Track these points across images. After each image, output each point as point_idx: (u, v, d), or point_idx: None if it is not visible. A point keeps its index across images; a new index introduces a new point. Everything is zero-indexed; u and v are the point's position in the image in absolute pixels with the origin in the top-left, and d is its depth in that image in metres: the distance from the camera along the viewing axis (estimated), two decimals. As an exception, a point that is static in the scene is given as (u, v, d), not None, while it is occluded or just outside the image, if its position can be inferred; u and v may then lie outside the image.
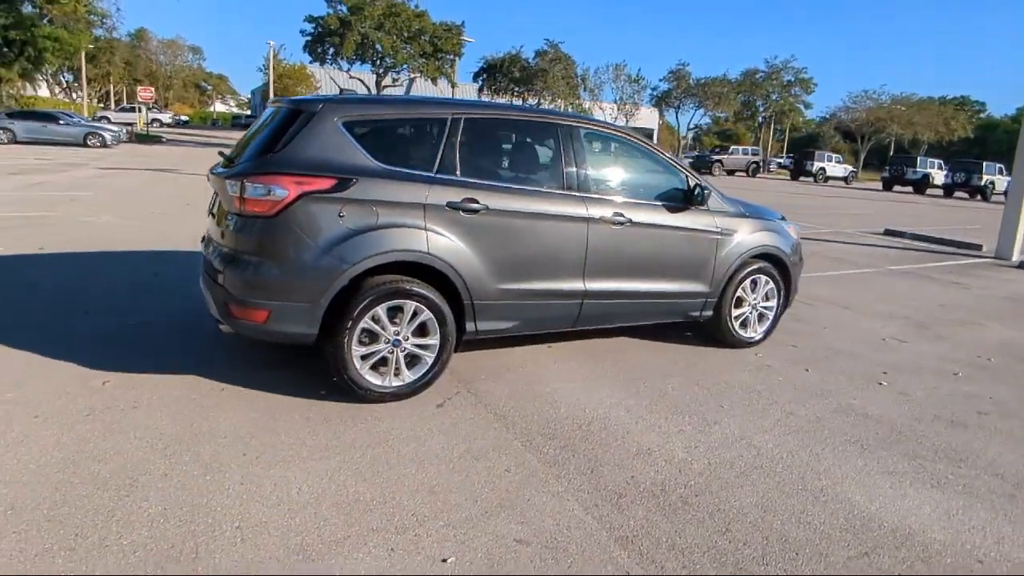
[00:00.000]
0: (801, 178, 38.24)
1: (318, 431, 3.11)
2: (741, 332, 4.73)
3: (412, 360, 3.53)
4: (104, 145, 25.83)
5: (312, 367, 3.77)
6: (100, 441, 2.88)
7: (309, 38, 27.50)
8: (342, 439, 3.05)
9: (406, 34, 26.98)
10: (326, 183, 3.19)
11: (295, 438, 3.03)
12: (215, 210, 3.68)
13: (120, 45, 61.87)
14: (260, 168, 3.20)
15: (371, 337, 3.38)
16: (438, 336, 3.52)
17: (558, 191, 3.83)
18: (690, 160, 39.24)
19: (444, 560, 2.24)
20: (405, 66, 28.28)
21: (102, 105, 63.20)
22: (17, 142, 24.87)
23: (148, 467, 2.70)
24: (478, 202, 3.52)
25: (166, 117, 57.70)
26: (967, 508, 2.77)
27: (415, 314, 3.45)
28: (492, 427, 3.27)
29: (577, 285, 3.93)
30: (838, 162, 39.16)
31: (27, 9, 32.29)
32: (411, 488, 2.67)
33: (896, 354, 4.88)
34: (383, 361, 3.43)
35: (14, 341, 4.01)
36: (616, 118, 42.52)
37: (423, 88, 33.77)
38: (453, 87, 31.85)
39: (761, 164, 38.49)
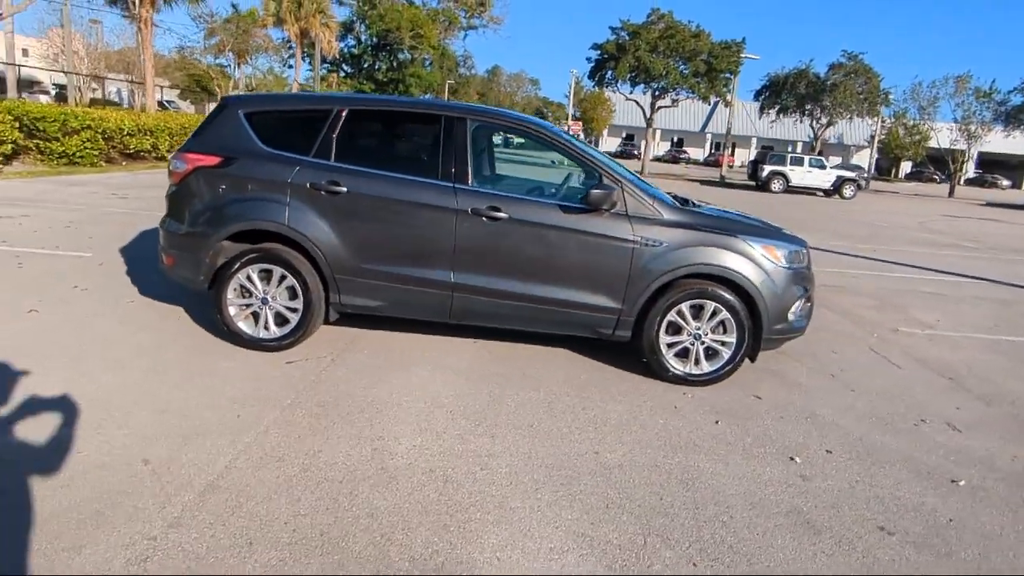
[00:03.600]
0: None
1: (181, 357, 3.78)
2: (675, 365, 3.89)
3: (282, 319, 3.96)
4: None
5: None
6: (51, 332, 4.02)
7: (593, 64, 29.15)
8: (183, 367, 3.63)
9: (684, 54, 26.40)
10: (213, 160, 3.86)
11: (156, 359, 3.73)
12: None
13: (475, 80, 73.96)
14: (181, 147, 4.03)
15: (248, 293, 3.93)
16: (302, 301, 3.89)
17: (430, 180, 3.80)
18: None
19: (144, 460, 2.68)
20: (683, 87, 27.65)
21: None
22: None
23: (45, 351, 3.69)
24: (339, 184, 3.77)
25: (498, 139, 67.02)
26: (602, 600, 2.04)
27: (283, 278, 3.88)
28: (289, 387, 3.48)
29: (445, 276, 3.83)
30: None
31: (401, 55, 41.17)
32: (150, 406, 3.12)
33: (902, 439, 3.40)
34: (256, 315, 3.95)
35: (137, 270, 5.67)
36: (955, 141, 34.33)
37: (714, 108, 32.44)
38: (727, 106, 29.73)
39: None
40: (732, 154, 55.57)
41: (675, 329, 3.87)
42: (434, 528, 2.36)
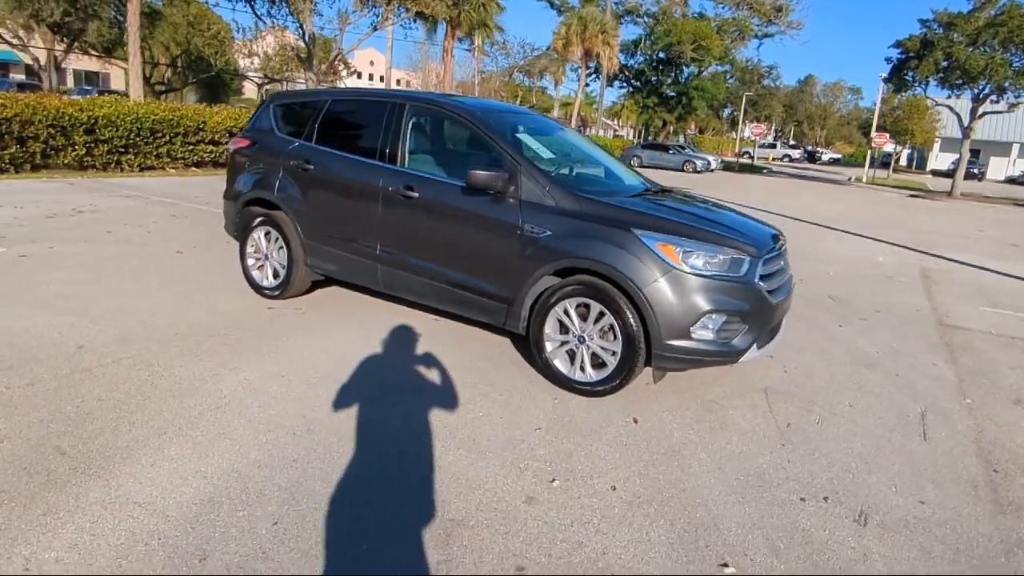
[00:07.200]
0: None
1: (215, 290, 4.80)
2: (558, 365, 3.42)
3: (277, 273, 4.69)
4: (696, 171, 30.38)
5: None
6: (165, 265, 5.45)
7: (892, 65, 23.85)
8: (203, 298, 4.64)
9: (1019, 45, 19.73)
10: (245, 143, 4.77)
11: (195, 288, 4.81)
12: None
13: (781, 91, 67.66)
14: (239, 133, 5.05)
15: (258, 249, 4.76)
16: (287, 259, 4.56)
17: (369, 160, 4.06)
18: None
19: (79, 345, 3.75)
20: (1020, 85, 20.74)
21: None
22: (643, 166, 32.17)
23: (135, 277, 5.09)
24: (310, 163, 4.31)
25: (796, 153, 60.13)
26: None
27: (277, 239, 4.61)
28: (242, 325, 4.15)
29: (372, 249, 4.06)
30: None
31: (687, 68, 40.15)
32: (135, 315, 4.12)
33: (744, 509, 2.44)
34: (262, 267, 4.76)
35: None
36: None
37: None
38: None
39: None
40: None
41: (565, 328, 3.41)
42: (117, 424, 2.70)
